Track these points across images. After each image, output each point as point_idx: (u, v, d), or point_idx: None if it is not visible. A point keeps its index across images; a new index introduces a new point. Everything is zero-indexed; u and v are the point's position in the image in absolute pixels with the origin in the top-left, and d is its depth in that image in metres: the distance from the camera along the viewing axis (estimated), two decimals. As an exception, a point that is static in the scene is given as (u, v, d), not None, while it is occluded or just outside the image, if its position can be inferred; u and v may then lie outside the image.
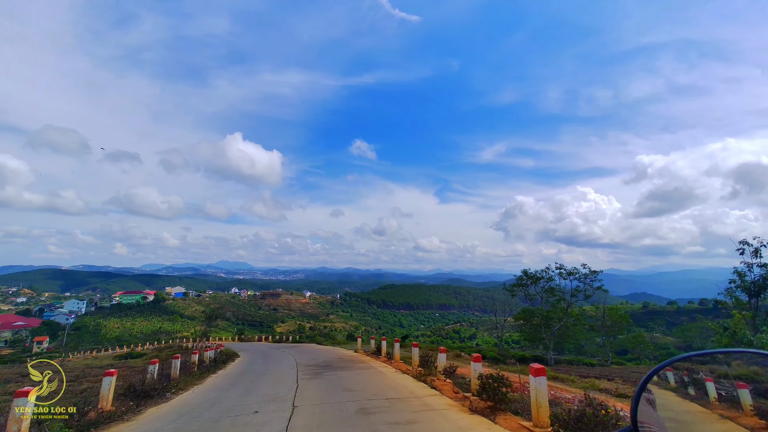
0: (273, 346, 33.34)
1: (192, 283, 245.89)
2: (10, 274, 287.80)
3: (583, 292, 37.79)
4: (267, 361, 18.82)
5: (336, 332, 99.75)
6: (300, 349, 27.77)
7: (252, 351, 27.19)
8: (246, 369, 15.86)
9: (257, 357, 21.54)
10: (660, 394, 1.18)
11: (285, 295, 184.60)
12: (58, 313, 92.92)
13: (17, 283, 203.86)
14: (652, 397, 1.18)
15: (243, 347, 32.49)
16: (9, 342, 60.47)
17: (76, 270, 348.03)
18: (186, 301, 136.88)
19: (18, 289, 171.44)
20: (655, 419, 1.18)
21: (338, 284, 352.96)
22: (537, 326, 38.50)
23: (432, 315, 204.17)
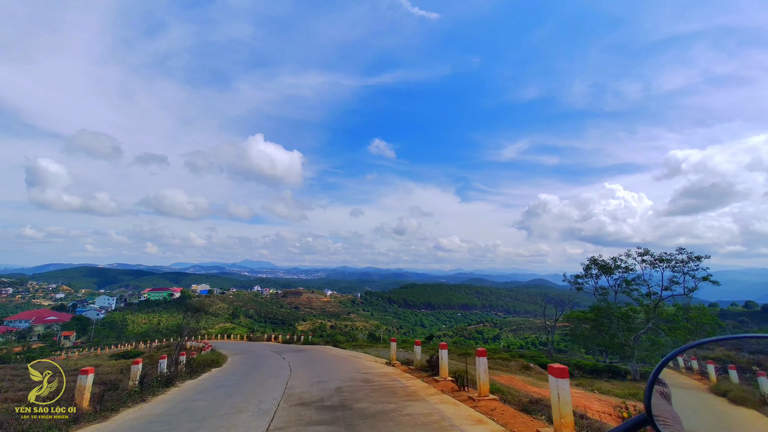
0: (279, 349, 26.36)
1: (217, 281, 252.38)
2: (51, 272, 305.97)
3: (682, 284, 27.13)
4: (239, 386, 10.50)
5: (357, 331, 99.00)
6: (310, 356, 19.43)
7: (244, 357, 21.28)
8: (186, 407, 8.12)
9: (236, 373, 14.12)
10: (673, 383, 1.18)
11: (306, 293, 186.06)
12: (89, 309, 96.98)
13: (57, 280, 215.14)
14: (667, 390, 1.18)
15: (242, 349, 28.09)
16: (41, 336, 63.50)
17: (110, 268, 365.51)
18: (210, 298, 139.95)
19: (57, 285, 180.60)
20: (667, 410, 1.18)
21: (358, 283, 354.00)
22: (598, 329, 30.89)
23: (453, 315, 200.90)
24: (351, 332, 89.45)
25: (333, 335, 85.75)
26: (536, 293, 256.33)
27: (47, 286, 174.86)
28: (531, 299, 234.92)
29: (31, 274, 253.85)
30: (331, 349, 24.47)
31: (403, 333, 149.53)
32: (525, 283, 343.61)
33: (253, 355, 22.77)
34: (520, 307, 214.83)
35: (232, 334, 50.29)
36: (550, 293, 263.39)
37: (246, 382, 11.30)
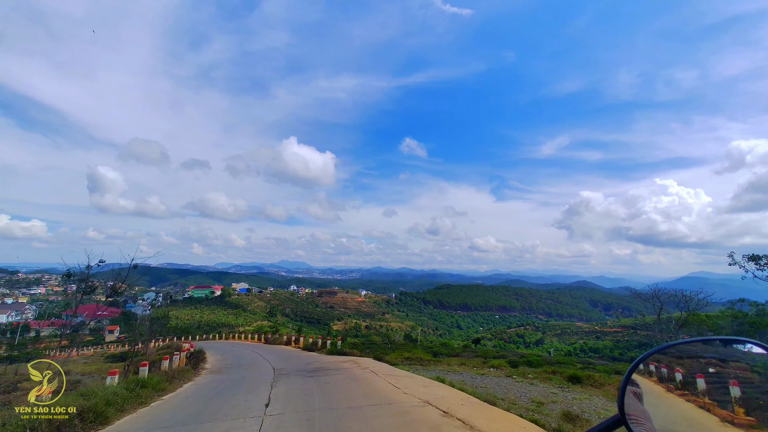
0: (286, 364, 15.90)
1: (256, 281, 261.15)
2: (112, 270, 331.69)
3: None
4: None
5: (392, 332, 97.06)
6: (325, 400, 8.26)
7: (233, 372, 14.56)
8: None
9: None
10: (644, 384, 1.20)
11: (341, 293, 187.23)
12: (137, 305, 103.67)
13: (115, 277, 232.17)
14: (639, 390, 1.21)
15: (231, 361, 18.53)
16: (91, 330, 68.18)
17: (161, 267, 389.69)
18: (249, 296, 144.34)
19: (114, 283, 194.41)
20: (640, 410, 1.20)
21: (393, 284, 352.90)
22: None
23: (491, 317, 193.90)
24: (387, 333, 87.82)
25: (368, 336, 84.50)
26: (581, 296, 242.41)
27: (107, 283, 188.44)
28: (575, 302, 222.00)
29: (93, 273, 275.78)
30: (372, 371, 12.17)
31: (439, 335, 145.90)
32: (567, 285, 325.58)
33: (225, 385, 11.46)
34: (563, 311, 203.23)
35: (250, 333, 43.60)
36: (596, 296, 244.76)
37: None
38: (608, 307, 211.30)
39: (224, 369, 15.88)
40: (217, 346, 30.56)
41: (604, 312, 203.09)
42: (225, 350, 26.23)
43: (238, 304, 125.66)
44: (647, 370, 1.18)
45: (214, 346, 31.78)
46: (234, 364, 17.04)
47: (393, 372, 12.39)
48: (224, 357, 20.71)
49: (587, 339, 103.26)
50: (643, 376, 1.21)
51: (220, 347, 29.43)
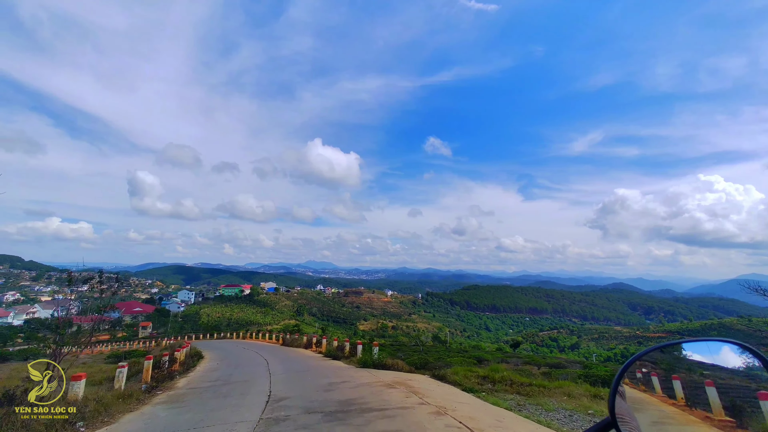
0: (307, 379, 10.39)
1: (283, 280, 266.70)
2: (150, 269, 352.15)
3: None
4: None
5: (419, 333, 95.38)
6: None
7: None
8: None
9: None
10: (629, 388, 1.21)
11: (367, 293, 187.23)
12: (171, 302, 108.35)
13: (153, 276, 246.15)
14: (622, 389, 1.21)
15: (241, 370, 13.80)
16: (127, 325, 71.41)
17: (195, 266, 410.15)
18: (277, 295, 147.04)
19: (152, 281, 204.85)
20: (625, 409, 1.20)
21: (418, 284, 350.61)
22: None
23: (521, 319, 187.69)
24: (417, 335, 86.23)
25: (394, 337, 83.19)
26: (618, 298, 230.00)
27: (145, 282, 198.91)
28: (612, 305, 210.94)
29: (134, 272, 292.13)
30: (456, 419, 5.42)
31: (467, 336, 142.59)
32: (602, 287, 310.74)
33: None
34: (598, 314, 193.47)
35: (268, 332, 38.72)
36: (635, 299, 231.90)
37: None
38: (649, 310, 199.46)
39: (189, 396, 9.12)
40: (225, 348, 26.56)
41: (644, 316, 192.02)
42: (228, 354, 21.14)
43: (266, 303, 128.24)
44: (632, 375, 1.20)
45: (223, 347, 28.16)
46: (217, 383, 10.65)
47: (500, 420, 5.81)
48: (216, 367, 15.06)
49: (628, 344, 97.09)
50: (631, 378, 1.22)
51: (227, 349, 25.04)
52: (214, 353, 21.96)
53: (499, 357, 28.18)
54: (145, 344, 40.73)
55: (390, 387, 8.35)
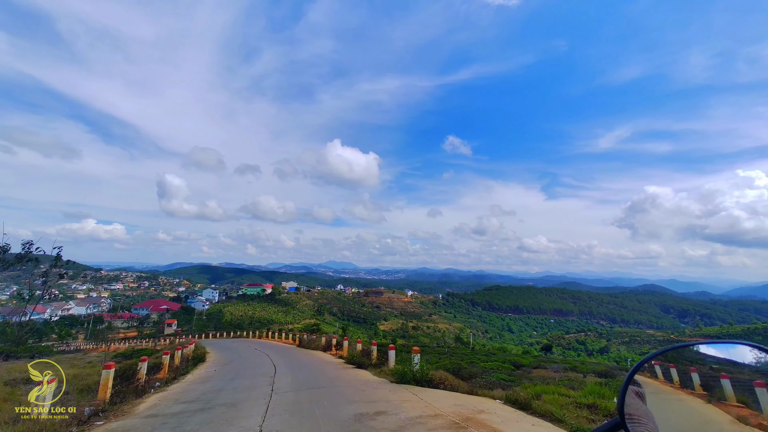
0: (323, 408, 6.54)
1: (304, 280, 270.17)
2: (177, 269, 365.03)
3: None
4: None
5: (443, 334, 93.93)
6: None
7: None
8: None
9: None
10: (649, 386, 1.21)
11: (387, 293, 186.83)
12: (197, 300, 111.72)
13: (180, 275, 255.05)
14: (642, 390, 1.20)
15: (234, 385, 9.98)
16: (154, 323, 73.90)
17: (219, 266, 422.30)
18: (298, 295, 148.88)
19: (180, 280, 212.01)
20: (643, 412, 1.19)
21: (439, 284, 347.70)
22: None
23: (545, 321, 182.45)
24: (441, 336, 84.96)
25: (416, 337, 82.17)
26: (649, 300, 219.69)
27: (173, 281, 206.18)
28: (643, 307, 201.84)
29: (163, 271, 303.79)
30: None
31: (489, 338, 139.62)
32: (632, 288, 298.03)
33: None
34: (629, 316, 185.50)
35: (285, 332, 35.82)
36: (668, 302, 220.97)
37: None
38: (683, 313, 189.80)
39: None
40: (235, 349, 24.06)
41: (679, 319, 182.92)
42: (233, 357, 18.49)
43: (287, 302, 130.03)
44: (653, 372, 1.21)
45: (234, 347, 25.69)
46: (192, 407, 7.51)
47: None
48: (210, 376, 12.30)
49: (662, 348, 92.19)
50: (647, 377, 1.22)
51: (236, 350, 22.73)
52: (220, 355, 19.78)
53: (534, 362, 26.73)
54: (164, 342, 37.30)
55: (460, 429, 5.07)
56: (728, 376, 1.20)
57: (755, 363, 1.18)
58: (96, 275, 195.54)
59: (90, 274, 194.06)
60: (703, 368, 1.21)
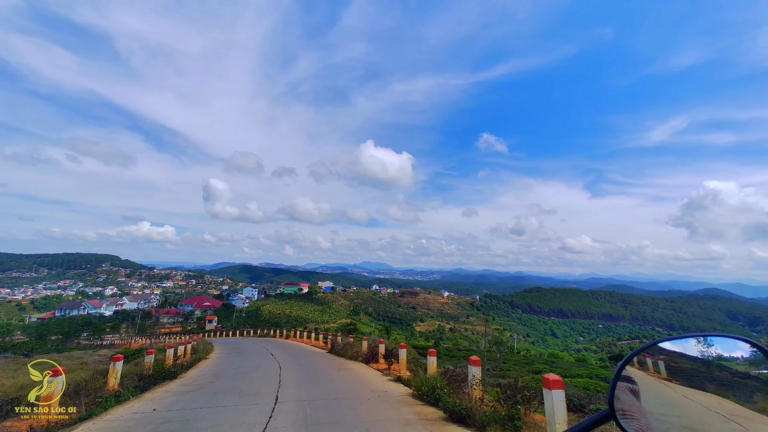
0: None
1: (340, 280, 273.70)
2: (221, 268, 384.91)
3: None
4: None
5: (479, 336, 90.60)
6: None
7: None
8: None
9: None
10: (639, 378, 1.22)
11: (423, 294, 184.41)
12: (237, 298, 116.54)
13: (224, 275, 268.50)
14: (632, 385, 1.22)
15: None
16: (197, 319, 77.66)
17: (259, 266, 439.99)
18: (333, 294, 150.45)
19: (223, 279, 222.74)
20: (632, 403, 1.21)
21: (475, 286, 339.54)
22: None
23: (593, 326, 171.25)
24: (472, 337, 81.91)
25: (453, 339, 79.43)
26: (712, 306, 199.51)
27: (217, 280, 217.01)
28: (705, 313, 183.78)
29: (209, 270, 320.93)
30: None
31: (531, 342, 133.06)
32: (692, 293, 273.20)
33: None
34: (688, 323, 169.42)
35: (314, 332, 29.97)
36: (735, 307, 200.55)
37: None
38: (755, 321, 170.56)
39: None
40: (248, 353, 19.54)
41: (749, 327, 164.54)
42: (233, 367, 13.49)
43: (323, 301, 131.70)
44: (645, 366, 1.22)
45: (249, 349, 21.66)
46: None
47: None
48: (168, 414, 6.81)
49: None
50: (637, 369, 1.23)
51: (248, 355, 18.24)
52: (220, 361, 15.60)
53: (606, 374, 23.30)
54: (176, 339, 34.27)
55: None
56: (719, 369, 1.21)
57: (747, 357, 1.19)
58: (149, 273, 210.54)
59: (144, 273, 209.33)
60: (694, 361, 1.22)
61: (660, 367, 1.19)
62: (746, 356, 1.19)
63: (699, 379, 1.21)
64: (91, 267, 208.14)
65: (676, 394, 1.20)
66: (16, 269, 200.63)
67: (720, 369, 1.22)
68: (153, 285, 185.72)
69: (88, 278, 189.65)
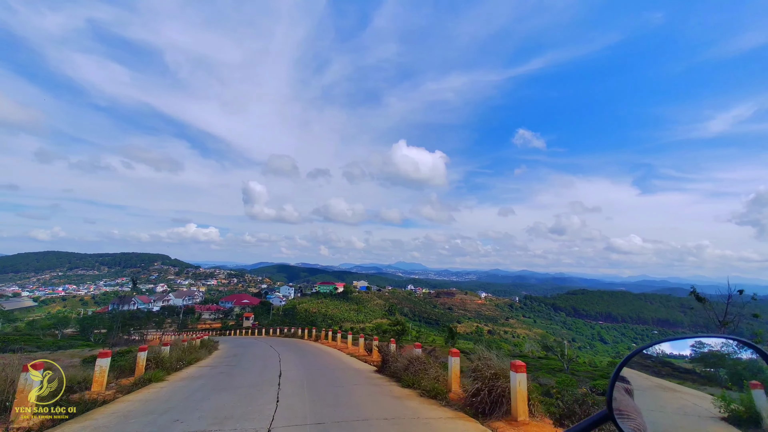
0: None
1: (374, 280, 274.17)
2: (261, 268, 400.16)
3: None
4: None
5: (521, 339, 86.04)
6: None
7: None
8: None
9: None
10: (637, 380, 1.23)
11: (459, 294, 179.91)
12: (274, 296, 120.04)
13: (263, 274, 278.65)
14: (630, 387, 1.22)
15: None
16: (236, 315, 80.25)
17: (296, 266, 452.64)
18: (369, 294, 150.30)
19: (262, 278, 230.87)
20: (629, 405, 1.21)
21: (512, 287, 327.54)
22: None
23: (647, 332, 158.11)
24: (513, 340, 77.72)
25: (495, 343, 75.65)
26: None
27: (257, 279, 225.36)
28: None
29: (249, 269, 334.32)
30: None
31: (578, 347, 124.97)
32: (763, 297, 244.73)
33: None
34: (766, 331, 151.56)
35: (353, 332, 27.91)
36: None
37: None
38: None
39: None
40: (255, 364, 14.03)
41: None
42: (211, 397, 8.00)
43: (358, 301, 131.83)
44: (642, 366, 1.23)
45: (257, 358, 15.95)
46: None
47: None
48: None
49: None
50: (635, 370, 1.24)
51: (254, 369, 12.49)
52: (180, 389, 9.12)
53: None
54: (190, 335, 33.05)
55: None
56: (718, 372, 1.22)
57: (748, 360, 1.19)
58: (195, 272, 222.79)
59: (191, 271, 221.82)
60: (693, 363, 1.23)
61: (656, 368, 1.22)
62: (744, 359, 1.19)
63: (694, 379, 1.21)
64: (145, 265, 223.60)
65: (671, 393, 1.21)
66: (81, 267, 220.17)
67: (716, 370, 1.23)
68: (199, 283, 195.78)
69: (142, 276, 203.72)
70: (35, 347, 26.41)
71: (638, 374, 1.23)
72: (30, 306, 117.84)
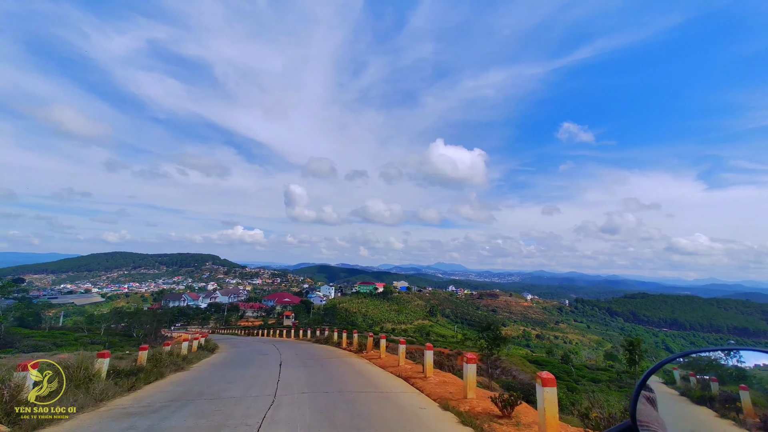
0: None
1: (414, 281, 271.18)
2: (302, 268, 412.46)
3: None
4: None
5: (574, 346, 79.73)
6: None
7: None
8: None
9: None
10: (661, 392, 1.19)
11: (503, 296, 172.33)
12: (314, 296, 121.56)
13: (305, 274, 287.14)
14: (653, 396, 1.19)
15: None
16: (277, 313, 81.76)
17: (336, 266, 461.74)
18: (409, 294, 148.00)
19: (304, 278, 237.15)
20: (654, 417, 1.18)
21: (559, 289, 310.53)
22: None
23: (722, 341, 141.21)
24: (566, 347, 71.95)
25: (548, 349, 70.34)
26: None
27: (299, 278, 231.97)
28: None
29: (291, 270, 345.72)
30: None
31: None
32: None
33: None
34: None
35: (392, 334, 25.25)
36: None
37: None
38: None
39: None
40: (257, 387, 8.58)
41: None
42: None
43: (399, 301, 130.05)
44: (668, 377, 1.18)
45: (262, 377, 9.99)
46: None
47: None
48: None
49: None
50: (661, 382, 1.19)
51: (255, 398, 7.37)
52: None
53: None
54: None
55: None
56: (748, 387, 1.15)
57: None
58: (242, 271, 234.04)
59: (238, 271, 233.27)
60: (724, 376, 1.17)
61: (683, 380, 1.16)
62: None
63: (721, 393, 1.16)
64: (198, 265, 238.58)
65: (696, 407, 1.16)
66: (143, 266, 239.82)
67: (744, 384, 1.16)
68: (245, 282, 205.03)
69: (195, 275, 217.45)
70: (53, 344, 26.57)
71: (665, 386, 1.18)
72: (99, 301, 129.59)
